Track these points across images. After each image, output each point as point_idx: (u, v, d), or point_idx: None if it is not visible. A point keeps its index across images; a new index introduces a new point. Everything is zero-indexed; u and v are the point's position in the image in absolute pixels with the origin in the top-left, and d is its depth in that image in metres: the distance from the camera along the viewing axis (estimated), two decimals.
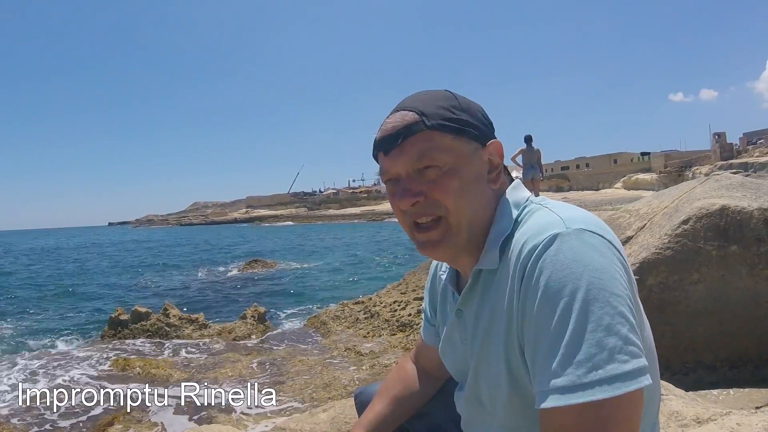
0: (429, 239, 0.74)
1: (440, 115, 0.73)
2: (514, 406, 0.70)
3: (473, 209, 0.73)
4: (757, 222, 2.78)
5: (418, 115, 0.72)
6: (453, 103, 0.75)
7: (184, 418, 3.82)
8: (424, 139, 0.72)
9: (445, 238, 0.73)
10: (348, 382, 4.30)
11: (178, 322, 6.61)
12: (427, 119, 0.72)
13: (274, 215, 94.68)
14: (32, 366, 5.71)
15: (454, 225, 0.73)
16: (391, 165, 0.74)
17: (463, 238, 0.73)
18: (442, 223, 0.73)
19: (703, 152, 47.94)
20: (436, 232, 0.73)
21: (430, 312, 0.98)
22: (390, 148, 0.74)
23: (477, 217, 0.74)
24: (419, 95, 0.77)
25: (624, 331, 0.57)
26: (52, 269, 20.85)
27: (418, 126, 0.72)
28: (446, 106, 0.74)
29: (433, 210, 0.72)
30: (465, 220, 0.73)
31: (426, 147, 0.72)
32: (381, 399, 1.03)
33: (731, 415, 1.65)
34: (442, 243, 0.74)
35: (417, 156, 0.72)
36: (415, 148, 0.72)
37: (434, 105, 0.74)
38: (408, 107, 0.74)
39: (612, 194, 46.09)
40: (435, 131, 0.72)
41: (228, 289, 12.15)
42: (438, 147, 0.72)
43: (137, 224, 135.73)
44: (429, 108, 0.73)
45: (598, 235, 0.63)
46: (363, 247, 24.47)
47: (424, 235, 0.74)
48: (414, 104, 0.74)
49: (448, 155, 0.72)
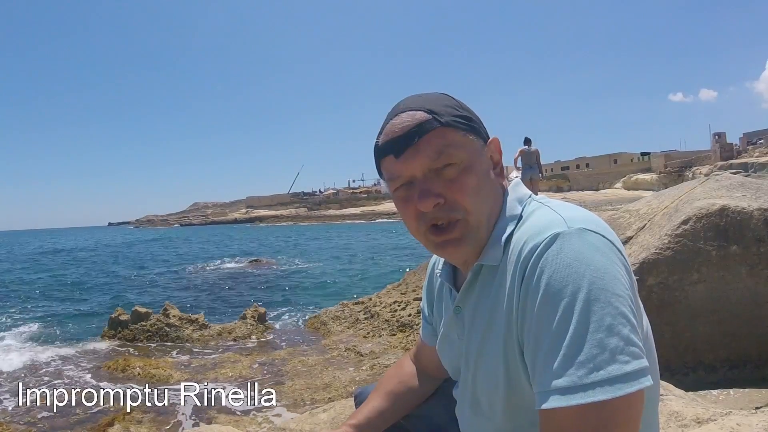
0: (449, 239, 0.72)
1: (449, 113, 0.72)
2: (512, 406, 0.70)
3: (489, 205, 0.73)
4: (757, 222, 2.78)
5: (429, 114, 0.71)
6: (455, 103, 0.75)
7: (184, 418, 3.82)
8: (440, 136, 0.70)
9: (464, 236, 0.72)
10: (348, 383, 4.30)
11: (178, 322, 6.60)
12: (439, 116, 0.71)
13: (274, 215, 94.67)
14: (32, 366, 5.71)
15: (473, 224, 0.72)
16: (405, 167, 0.72)
17: (483, 235, 0.73)
18: (461, 222, 0.71)
19: (703, 152, 47.97)
20: (457, 231, 0.72)
21: (428, 311, 0.98)
22: (403, 149, 0.71)
23: (492, 213, 0.74)
24: (418, 97, 0.75)
25: (625, 331, 0.57)
26: (52, 269, 20.85)
27: (431, 124, 0.70)
28: (451, 105, 0.74)
29: (452, 214, 0.71)
30: (484, 218, 0.72)
31: (443, 144, 0.70)
32: (376, 394, 1.02)
33: (731, 415, 1.65)
34: (464, 241, 0.72)
35: (435, 154, 0.70)
36: (431, 147, 0.70)
37: (440, 104, 0.73)
38: (414, 107, 0.73)
39: (612, 194, 46.12)
40: (449, 128, 0.71)
41: (228, 290, 12.15)
42: (454, 143, 0.71)
43: (137, 224, 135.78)
44: (437, 107, 0.72)
45: (600, 235, 0.63)
46: (363, 248, 24.47)
47: (443, 236, 0.72)
48: (420, 104, 0.73)
49: (463, 152, 0.71)
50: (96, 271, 19.41)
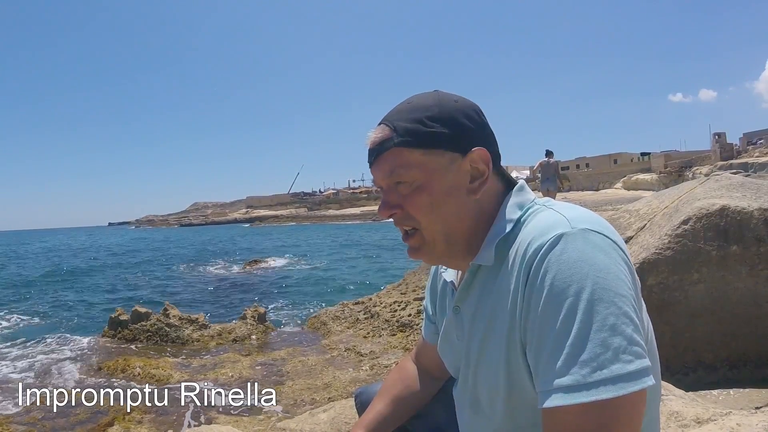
0: (411, 245, 0.78)
1: (410, 131, 0.72)
2: (513, 406, 0.70)
3: (447, 223, 0.74)
4: (757, 222, 2.79)
5: (391, 131, 0.74)
6: (431, 113, 0.73)
7: (184, 418, 3.82)
8: (394, 155, 0.73)
9: (422, 247, 0.77)
10: (348, 383, 4.29)
11: (178, 322, 6.59)
12: (396, 136, 0.73)
13: (274, 215, 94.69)
14: (32, 366, 5.71)
15: (428, 238, 0.75)
16: (374, 176, 0.78)
17: (440, 249, 0.76)
18: (419, 233, 0.76)
19: (703, 152, 47.98)
20: (415, 240, 0.77)
21: (431, 309, 0.98)
22: (371, 161, 0.77)
23: (454, 229, 0.74)
24: (402, 105, 0.77)
25: (629, 331, 0.57)
26: (52, 268, 20.84)
27: (388, 144, 0.74)
28: (420, 118, 0.73)
29: (409, 222, 0.75)
30: (439, 234, 0.75)
31: (395, 164, 0.73)
32: (381, 399, 1.03)
33: (731, 415, 1.65)
34: (422, 251, 0.77)
35: (388, 172, 0.74)
36: (386, 165, 0.74)
37: (408, 118, 0.73)
38: (386, 120, 0.76)
39: (612, 194, 46.09)
40: (404, 148, 0.73)
41: (228, 290, 12.15)
42: (406, 164, 0.73)
43: (137, 224, 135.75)
44: (402, 122, 0.73)
45: (603, 235, 0.63)
46: (362, 247, 24.46)
47: (408, 241, 0.78)
48: (392, 117, 0.75)
49: (416, 171, 0.72)
50: (96, 270, 19.40)
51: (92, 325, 8.28)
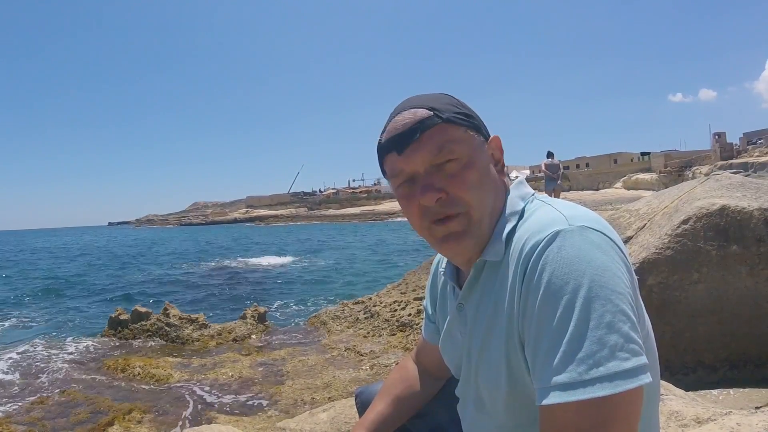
0: (451, 231, 0.72)
1: (450, 110, 0.74)
2: (514, 403, 0.70)
3: (490, 200, 0.74)
4: (757, 222, 2.78)
5: (430, 111, 0.72)
6: (456, 101, 0.77)
7: (184, 418, 3.82)
8: (441, 131, 0.72)
9: (466, 229, 0.72)
10: (348, 382, 4.29)
11: (178, 322, 6.59)
12: (440, 113, 0.72)
13: (274, 215, 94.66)
14: (31, 366, 5.71)
15: (475, 217, 0.72)
16: (407, 163, 0.73)
17: (484, 230, 0.73)
18: (463, 216, 0.72)
19: (703, 152, 47.97)
20: (457, 223, 0.72)
21: (432, 309, 0.98)
22: (405, 145, 0.72)
23: (494, 209, 0.74)
24: (420, 97, 0.77)
25: (625, 328, 0.57)
26: (52, 267, 20.84)
27: (433, 120, 0.72)
28: (452, 103, 0.75)
29: (454, 209, 0.71)
30: (486, 212, 0.73)
31: (444, 140, 0.71)
32: (382, 399, 1.03)
33: (731, 415, 1.65)
34: (466, 234, 0.72)
35: (437, 149, 0.71)
36: (433, 142, 0.71)
37: (441, 102, 0.75)
38: (416, 105, 0.74)
39: (612, 194, 46.08)
40: (450, 124, 0.72)
41: (228, 289, 12.14)
42: (455, 139, 0.72)
43: (137, 224, 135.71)
44: (438, 104, 0.74)
45: (601, 233, 0.64)
46: (362, 247, 24.47)
47: (444, 228, 0.72)
48: (421, 102, 0.75)
49: (465, 147, 0.72)
50: (96, 270, 19.40)
51: (92, 325, 8.28)
